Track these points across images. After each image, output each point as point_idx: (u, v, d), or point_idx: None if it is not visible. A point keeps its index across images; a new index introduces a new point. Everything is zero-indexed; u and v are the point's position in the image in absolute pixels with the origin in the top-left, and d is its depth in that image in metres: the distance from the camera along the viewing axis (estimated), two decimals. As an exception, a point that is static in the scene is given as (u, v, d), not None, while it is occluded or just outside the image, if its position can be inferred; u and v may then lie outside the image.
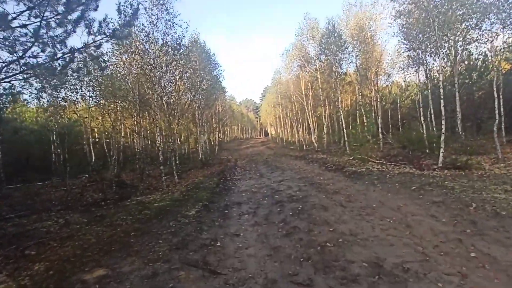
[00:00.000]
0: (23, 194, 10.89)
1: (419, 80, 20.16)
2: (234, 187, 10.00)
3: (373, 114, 16.06)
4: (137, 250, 4.62)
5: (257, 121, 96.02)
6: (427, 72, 14.07)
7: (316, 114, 27.86)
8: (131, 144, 23.59)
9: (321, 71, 20.13)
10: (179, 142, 31.72)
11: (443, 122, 9.09)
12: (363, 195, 7.04)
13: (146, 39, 11.75)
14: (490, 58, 16.94)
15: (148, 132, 20.09)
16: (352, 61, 17.98)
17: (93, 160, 18.61)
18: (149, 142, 14.77)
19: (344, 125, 16.39)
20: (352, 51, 17.53)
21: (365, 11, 17.82)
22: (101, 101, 16.87)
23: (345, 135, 16.03)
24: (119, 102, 15.01)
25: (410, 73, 18.11)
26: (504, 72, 10.89)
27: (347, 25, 18.14)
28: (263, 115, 69.82)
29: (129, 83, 14.84)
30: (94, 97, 16.47)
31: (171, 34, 12.47)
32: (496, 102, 9.50)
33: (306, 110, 24.66)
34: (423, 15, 10.11)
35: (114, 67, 14.64)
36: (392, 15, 12.73)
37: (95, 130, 23.21)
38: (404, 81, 26.65)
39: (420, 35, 12.03)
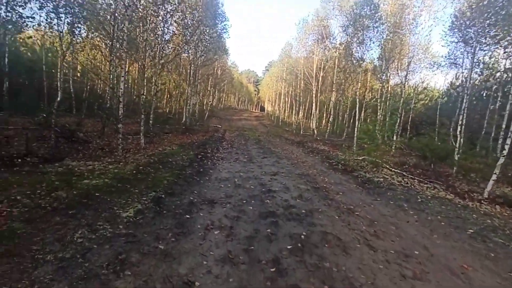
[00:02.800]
0: None
1: (450, 83, 17.81)
2: (212, 171, 7.56)
3: (399, 112, 13.57)
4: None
5: (255, 94, 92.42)
6: (469, 73, 11.54)
7: (320, 98, 25.11)
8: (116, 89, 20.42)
9: (341, 50, 17.24)
10: (167, 98, 28.78)
11: (508, 141, 6.72)
12: (394, 227, 4.74)
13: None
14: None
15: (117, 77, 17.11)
16: (380, 44, 15.13)
17: (59, 99, 15.65)
18: (111, 88, 11.90)
19: (357, 117, 13.95)
20: (384, 31, 14.63)
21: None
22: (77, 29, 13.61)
23: (356, 129, 13.65)
24: (96, 32, 11.90)
25: (436, 73, 15.60)
26: None
27: (386, -1, 15.17)
28: (263, 89, 66.69)
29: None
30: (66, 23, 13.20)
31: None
32: None
33: (314, 92, 21.96)
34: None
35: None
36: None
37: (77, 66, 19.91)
38: (423, 82, 24.18)
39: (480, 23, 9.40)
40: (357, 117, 13.95)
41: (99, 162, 6.64)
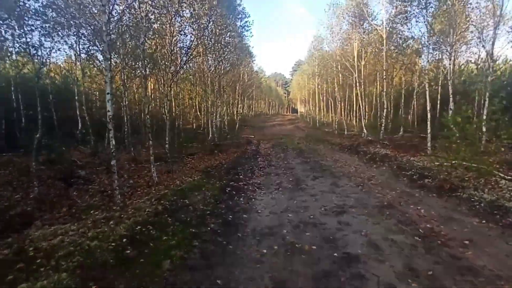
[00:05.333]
0: None
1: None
2: (247, 215, 5.02)
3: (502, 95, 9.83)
4: None
5: (285, 96, 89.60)
6: None
7: (361, 90, 21.45)
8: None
9: (397, 23, 13.83)
10: (198, 113, 26.90)
11: None
12: None
13: None
14: None
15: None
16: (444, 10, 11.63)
17: (79, 128, 14.20)
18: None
19: (428, 108, 10.66)
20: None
21: None
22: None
23: (428, 122, 10.39)
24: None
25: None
26: None
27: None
28: (294, 90, 63.86)
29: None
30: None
31: None
32: None
33: (357, 85, 18.77)
34: None
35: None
36: None
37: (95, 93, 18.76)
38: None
39: None
40: (428, 108, 10.66)
41: (80, 223, 4.40)
